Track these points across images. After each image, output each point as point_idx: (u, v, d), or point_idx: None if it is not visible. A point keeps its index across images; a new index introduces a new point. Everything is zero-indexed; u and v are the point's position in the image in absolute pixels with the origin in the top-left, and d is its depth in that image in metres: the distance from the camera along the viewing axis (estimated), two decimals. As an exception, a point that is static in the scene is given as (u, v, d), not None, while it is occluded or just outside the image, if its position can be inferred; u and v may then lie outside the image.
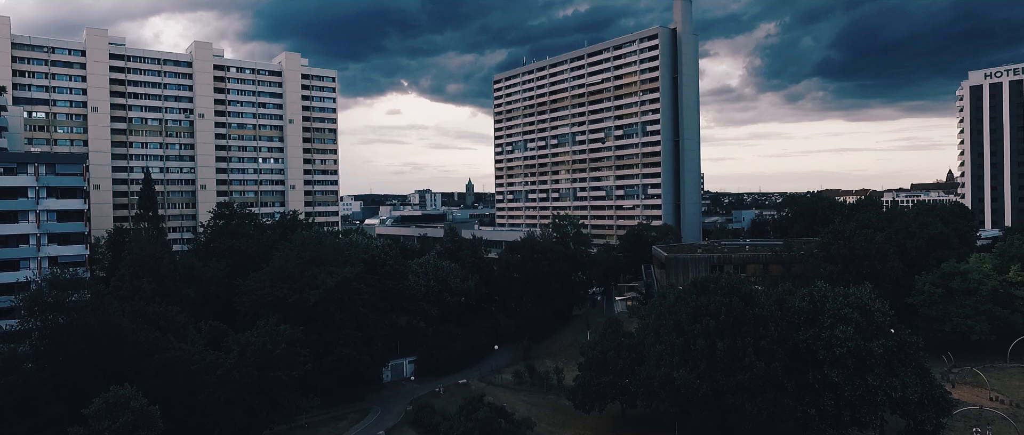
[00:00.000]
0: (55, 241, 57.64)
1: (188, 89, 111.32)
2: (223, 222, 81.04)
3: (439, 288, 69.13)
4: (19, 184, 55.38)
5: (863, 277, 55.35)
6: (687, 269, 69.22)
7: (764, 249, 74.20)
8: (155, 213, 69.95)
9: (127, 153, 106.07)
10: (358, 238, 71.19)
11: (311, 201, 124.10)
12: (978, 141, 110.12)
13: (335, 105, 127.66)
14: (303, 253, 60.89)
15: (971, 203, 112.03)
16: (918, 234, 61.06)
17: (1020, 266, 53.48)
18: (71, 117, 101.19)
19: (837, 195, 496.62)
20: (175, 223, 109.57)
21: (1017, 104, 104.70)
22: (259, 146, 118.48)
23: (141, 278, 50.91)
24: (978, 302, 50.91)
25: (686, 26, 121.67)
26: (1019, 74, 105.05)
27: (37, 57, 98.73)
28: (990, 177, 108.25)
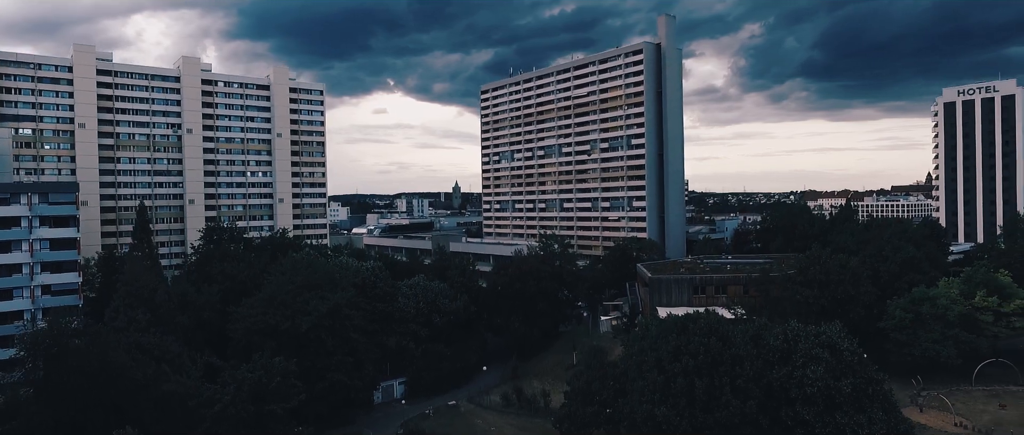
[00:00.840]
0: (48, 269, 58.29)
1: (176, 104, 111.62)
2: (213, 244, 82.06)
3: (428, 309, 70.47)
4: (12, 214, 55.95)
5: (838, 302, 57.55)
6: (670, 290, 71.16)
7: (745, 268, 76.32)
8: (149, 242, 70.60)
9: (115, 168, 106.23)
10: (348, 260, 72.23)
11: (299, 214, 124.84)
12: (952, 156, 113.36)
13: (323, 118, 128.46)
14: (294, 278, 61.98)
15: (945, 216, 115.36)
16: (891, 258, 63.44)
17: (985, 292, 55.95)
18: (58, 133, 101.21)
19: (819, 196, 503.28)
20: (164, 238, 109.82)
21: (987, 122, 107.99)
22: (247, 160, 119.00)
23: (136, 308, 51.81)
24: (945, 327, 53.23)
25: (670, 42, 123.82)
26: (990, 92, 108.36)
27: (24, 74, 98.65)
28: (963, 192, 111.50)
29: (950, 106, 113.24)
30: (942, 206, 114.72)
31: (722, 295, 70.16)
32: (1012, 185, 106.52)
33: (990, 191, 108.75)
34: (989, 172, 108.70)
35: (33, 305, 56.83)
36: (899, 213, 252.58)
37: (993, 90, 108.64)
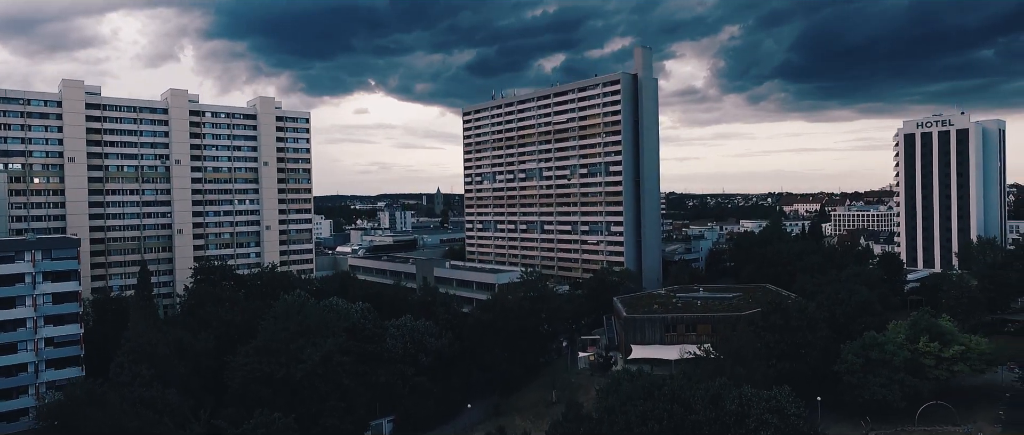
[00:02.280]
0: (51, 322, 60.85)
1: (164, 135, 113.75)
2: (205, 282, 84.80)
3: (415, 350, 73.99)
4: (17, 271, 58.51)
5: (796, 346, 62.28)
6: (644, 329, 75.55)
7: (714, 304, 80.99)
8: (150, 297, 73.12)
9: (104, 201, 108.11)
10: (337, 302, 75.41)
11: (286, 240, 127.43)
12: (911, 184, 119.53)
13: (308, 145, 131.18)
14: (288, 323, 65.38)
15: (905, 241, 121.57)
16: (846, 301, 68.38)
17: (928, 338, 60.96)
18: (48, 168, 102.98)
19: (795, 201, 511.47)
20: (153, 267, 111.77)
21: (943, 154, 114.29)
22: (234, 189, 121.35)
23: (139, 364, 54.76)
24: (892, 372, 58.02)
25: (647, 72, 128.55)
26: (945, 126, 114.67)
27: (13, 109, 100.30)
28: (922, 218, 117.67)
29: (910, 137, 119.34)
30: (903, 232, 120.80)
31: (692, 333, 74.69)
32: (966, 214, 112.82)
33: (946, 218, 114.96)
34: (945, 201, 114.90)
35: (37, 357, 59.35)
36: (868, 224, 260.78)
37: (949, 123, 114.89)
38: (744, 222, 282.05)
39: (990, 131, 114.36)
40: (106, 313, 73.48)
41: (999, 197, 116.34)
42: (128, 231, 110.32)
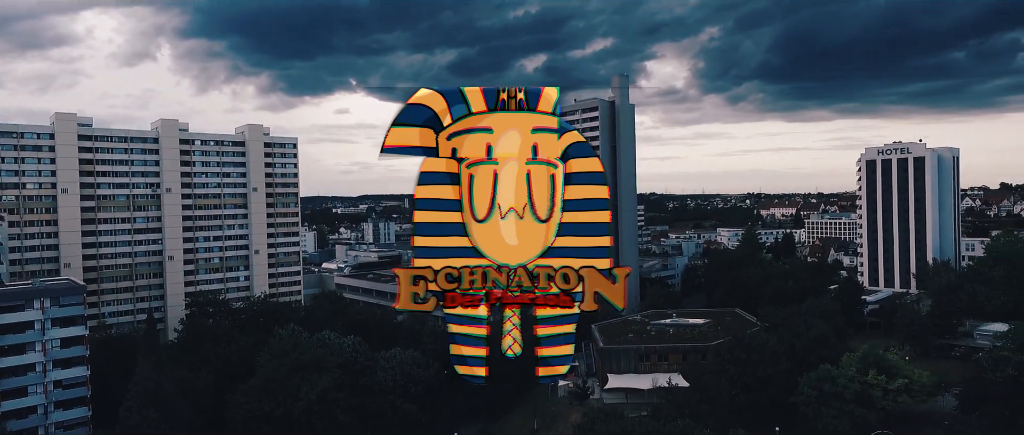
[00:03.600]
0: (59, 365, 64.25)
1: (155, 164, 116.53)
2: (200, 315, 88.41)
3: (404, 380, 78.23)
4: (27, 319, 61.84)
5: (758, 380, 67.76)
6: (619, 358, 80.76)
7: (685, 332, 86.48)
8: (155, 343, 76.45)
9: (96, 229, 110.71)
10: (330, 336, 79.23)
11: (274, 263, 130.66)
12: (873, 208, 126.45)
13: (296, 170, 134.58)
14: (284, 360, 69.39)
15: (867, 262, 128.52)
16: (804, 334, 74.08)
17: (876, 371, 66.75)
18: (41, 199, 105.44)
19: (772, 204, 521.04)
20: (143, 293, 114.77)
21: (902, 180, 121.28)
22: (224, 215, 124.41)
23: (147, 407, 58.44)
24: (842, 404, 63.72)
25: (623, 100, 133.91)
26: (904, 154, 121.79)
27: (7, 142, 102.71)
28: (883, 241, 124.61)
29: (871, 163, 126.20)
30: (865, 253, 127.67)
31: (664, 362, 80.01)
32: (923, 238, 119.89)
33: (905, 241, 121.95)
34: (904, 224, 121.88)
35: (46, 400, 62.65)
36: (840, 233, 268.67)
37: (907, 151, 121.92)
38: (721, 231, 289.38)
39: (945, 158, 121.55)
40: (109, 351, 76.46)
41: (953, 220, 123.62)
42: (120, 259, 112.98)
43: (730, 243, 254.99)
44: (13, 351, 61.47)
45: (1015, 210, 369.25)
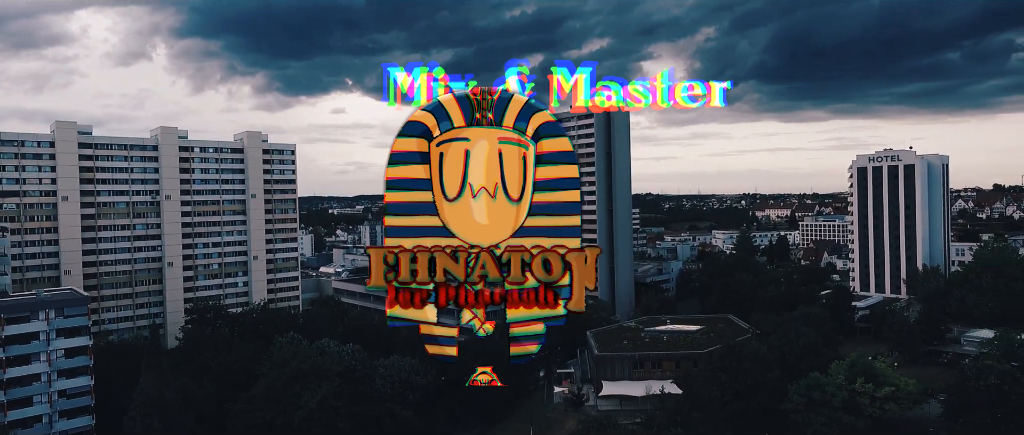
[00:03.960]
0: (63, 375, 65.37)
1: (154, 171, 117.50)
2: (200, 322, 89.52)
3: (402, 388, 79.55)
4: (33, 330, 62.94)
5: (749, 388, 69.23)
6: (614, 365, 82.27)
7: (679, 339, 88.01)
8: (159, 357, 77.43)
9: (96, 237, 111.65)
10: (329, 344, 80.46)
11: (273, 268, 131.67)
12: (864, 214, 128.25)
13: (294, 176, 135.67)
14: (285, 369, 70.65)
15: (859, 267, 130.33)
16: (795, 342, 75.65)
17: (863, 379, 68.32)
18: (42, 207, 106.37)
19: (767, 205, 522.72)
20: (143, 300, 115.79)
21: (892, 187, 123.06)
22: (223, 221, 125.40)
23: (150, 417, 59.64)
24: (831, 411, 65.29)
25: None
26: (895, 161, 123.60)
27: (8, 150, 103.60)
28: (874, 246, 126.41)
29: (862, 171, 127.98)
30: (857, 258, 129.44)
31: (658, 369, 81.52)
32: (913, 243, 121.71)
33: (895, 247, 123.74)
34: (894, 231, 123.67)
35: (51, 409, 63.72)
36: (834, 235, 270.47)
37: (897, 159, 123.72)
38: (717, 233, 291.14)
39: (934, 166, 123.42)
40: (111, 359, 77.48)
41: (943, 226, 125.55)
42: (120, 265, 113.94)
43: (725, 246, 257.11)
44: (19, 362, 62.58)
45: (1007, 212, 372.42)
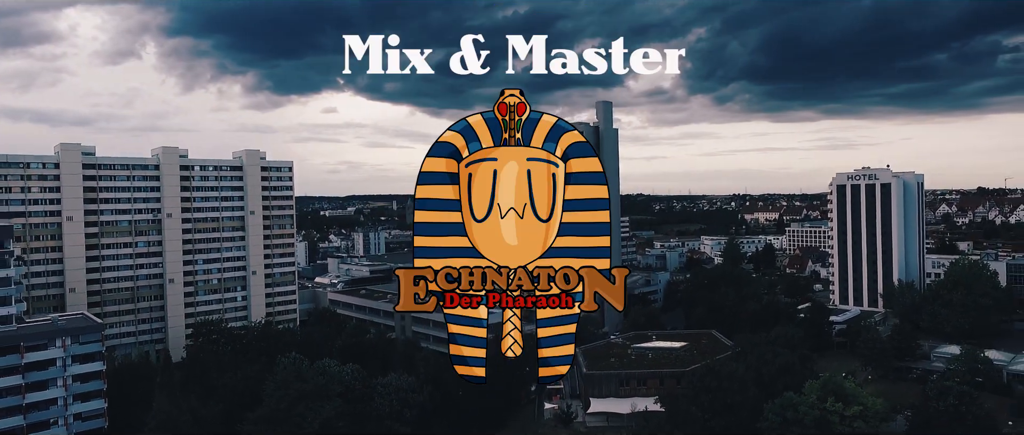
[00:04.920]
0: (79, 399, 68.80)
1: (156, 191, 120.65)
2: (205, 340, 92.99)
3: (400, 406, 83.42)
4: (50, 357, 66.36)
5: (727, 407, 73.64)
6: (601, 383, 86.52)
7: (663, 357, 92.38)
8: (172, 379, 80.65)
9: (99, 255, 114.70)
10: (329, 364, 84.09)
11: (271, 283, 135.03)
12: (843, 230, 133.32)
13: (292, 192, 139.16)
14: (289, 390, 74.39)
15: (839, 281, 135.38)
16: (771, 362, 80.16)
17: (833, 398, 72.88)
18: (47, 226, 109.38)
19: (756, 208, 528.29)
20: (145, 315, 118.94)
21: (870, 204, 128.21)
22: (222, 237, 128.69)
23: (164, 439, 63.28)
24: (804, 429, 69.77)
25: (607, 126, 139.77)
26: (872, 180, 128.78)
27: (14, 172, 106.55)
28: (852, 261, 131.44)
29: (842, 188, 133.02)
30: (836, 273, 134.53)
31: (643, 386, 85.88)
32: (889, 259, 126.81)
33: (873, 262, 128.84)
34: (872, 246, 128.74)
35: (67, 431, 67.13)
36: (819, 242, 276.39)
37: (874, 177, 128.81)
38: (705, 239, 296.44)
39: (910, 184, 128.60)
40: (120, 377, 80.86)
41: (918, 242, 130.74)
42: (122, 282, 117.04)
43: (713, 252, 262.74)
44: (37, 387, 65.94)
45: (990, 216, 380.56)
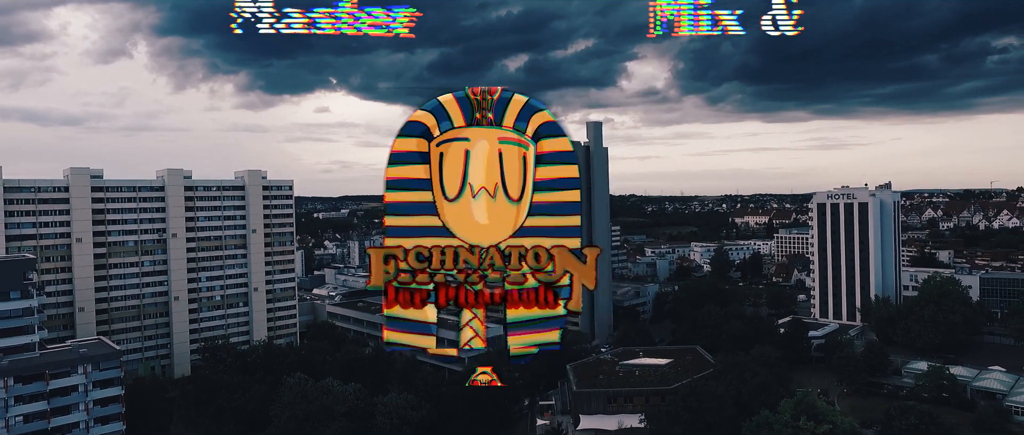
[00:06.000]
0: (99, 422, 73.19)
1: (160, 211, 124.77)
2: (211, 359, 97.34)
3: (400, 423, 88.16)
4: (73, 383, 70.70)
5: (707, 425, 78.82)
6: (590, 400, 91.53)
7: (649, 374, 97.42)
8: (190, 402, 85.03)
9: (107, 274, 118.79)
10: (333, 384, 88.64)
11: (272, 298, 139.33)
12: (823, 247, 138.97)
13: (291, 210, 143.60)
14: (295, 410, 79.07)
15: (819, 296, 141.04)
16: (749, 381, 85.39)
17: (806, 417, 78.15)
18: (57, 248, 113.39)
19: (746, 212, 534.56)
20: (151, 332, 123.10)
21: (848, 222, 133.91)
22: (225, 255, 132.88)
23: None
24: (778, 447, 75.04)
25: (597, 144, 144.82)
26: (850, 199, 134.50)
27: (25, 197, 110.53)
28: (832, 277, 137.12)
29: (822, 206, 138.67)
30: (817, 288, 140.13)
31: (629, 404, 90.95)
32: (867, 274, 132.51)
33: (851, 278, 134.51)
34: (850, 263, 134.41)
35: (89, 455, 71.58)
36: (806, 249, 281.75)
37: (852, 197, 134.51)
38: (695, 246, 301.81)
39: (886, 203, 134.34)
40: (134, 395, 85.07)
41: (894, 258, 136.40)
42: (129, 301, 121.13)
43: (702, 260, 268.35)
44: (59, 412, 70.24)
45: (974, 221, 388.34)
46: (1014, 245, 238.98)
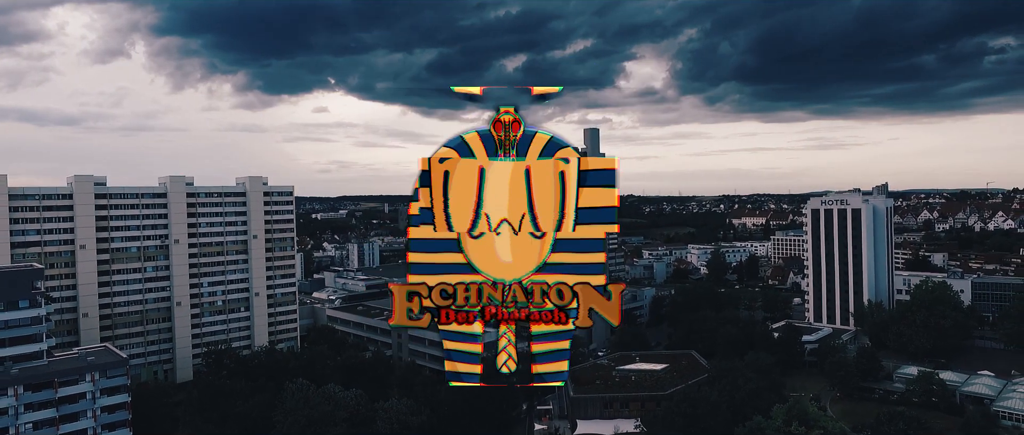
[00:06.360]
0: (106, 429, 74.75)
1: (163, 217, 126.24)
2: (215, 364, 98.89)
3: (400, 428, 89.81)
4: (81, 391, 72.28)
5: (701, 431, 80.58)
6: (587, 406, 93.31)
7: (645, 379, 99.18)
8: (192, 405, 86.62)
9: (111, 280, 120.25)
10: (335, 391, 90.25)
11: (273, 303, 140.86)
12: (817, 252, 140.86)
13: (292, 215, 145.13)
14: (298, 416, 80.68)
15: (813, 301, 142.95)
16: (743, 387, 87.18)
17: (797, 422, 79.97)
18: (61, 254, 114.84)
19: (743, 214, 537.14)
20: (153, 337, 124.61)
21: (842, 228, 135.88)
22: (226, 261, 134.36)
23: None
24: (770, 452, 76.83)
25: (594, 151, 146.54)
26: (843, 205, 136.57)
27: (30, 204, 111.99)
28: (826, 282, 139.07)
29: (816, 212, 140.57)
30: (811, 293, 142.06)
31: (625, 409, 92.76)
32: (860, 279, 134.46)
33: (844, 283, 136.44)
34: (843, 268, 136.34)
35: (96, 460, 73.12)
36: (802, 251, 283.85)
37: (845, 203, 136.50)
38: (692, 248, 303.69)
39: (879, 209, 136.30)
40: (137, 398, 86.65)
41: (887, 264, 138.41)
42: (132, 306, 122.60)
43: (699, 262, 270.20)
44: (68, 419, 71.80)
45: (969, 222, 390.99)
46: (1008, 247, 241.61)
